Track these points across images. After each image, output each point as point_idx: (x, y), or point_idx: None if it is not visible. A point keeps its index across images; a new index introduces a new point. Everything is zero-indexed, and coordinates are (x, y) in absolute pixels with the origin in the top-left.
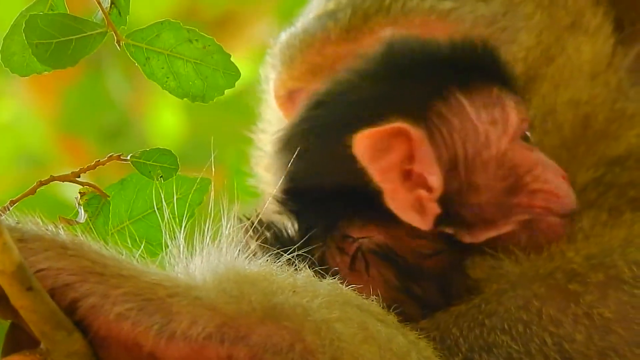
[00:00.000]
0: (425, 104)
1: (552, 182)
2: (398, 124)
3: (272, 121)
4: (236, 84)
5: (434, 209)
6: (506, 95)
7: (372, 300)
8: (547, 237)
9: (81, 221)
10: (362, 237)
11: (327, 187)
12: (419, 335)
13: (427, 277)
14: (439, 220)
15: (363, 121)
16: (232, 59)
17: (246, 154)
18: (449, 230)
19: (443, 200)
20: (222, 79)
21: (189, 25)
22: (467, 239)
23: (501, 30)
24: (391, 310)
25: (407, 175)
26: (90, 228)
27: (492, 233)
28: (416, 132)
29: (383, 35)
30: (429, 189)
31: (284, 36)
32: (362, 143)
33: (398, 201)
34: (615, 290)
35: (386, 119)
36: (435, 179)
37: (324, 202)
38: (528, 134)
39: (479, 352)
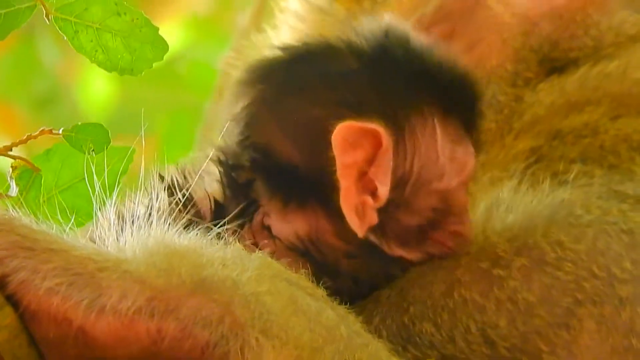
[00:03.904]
0: (405, 115)
1: (467, 224)
2: (376, 126)
3: None
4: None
5: (373, 218)
6: (470, 140)
7: (301, 274)
8: None
9: (13, 195)
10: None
11: (274, 155)
12: (348, 309)
13: (342, 275)
14: (371, 230)
15: (349, 109)
16: (160, 32)
17: (177, 122)
18: (374, 239)
19: (381, 212)
20: (151, 52)
21: None
22: (387, 249)
23: None
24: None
25: (361, 177)
26: (22, 202)
27: (403, 253)
28: (387, 140)
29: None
30: (376, 197)
31: None
32: (341, 132)
33: (348, 200)
34: (539, 274)
35: (368, 116)
36: (384, 190)
37: (262, 170)
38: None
39: (402, 343)
